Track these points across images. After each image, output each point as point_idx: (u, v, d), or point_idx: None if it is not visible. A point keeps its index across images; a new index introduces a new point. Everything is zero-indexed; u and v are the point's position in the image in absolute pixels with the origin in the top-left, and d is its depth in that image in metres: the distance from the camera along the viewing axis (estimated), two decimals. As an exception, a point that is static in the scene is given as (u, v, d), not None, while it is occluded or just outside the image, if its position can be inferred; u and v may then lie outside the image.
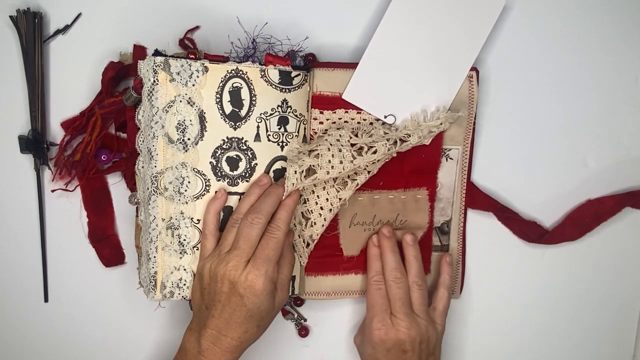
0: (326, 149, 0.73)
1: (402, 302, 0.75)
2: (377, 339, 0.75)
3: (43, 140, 0.78)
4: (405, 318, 0.74)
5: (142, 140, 0.73)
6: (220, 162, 0.73)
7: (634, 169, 0.85)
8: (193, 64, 0.71)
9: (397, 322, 0.74)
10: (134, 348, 0.83)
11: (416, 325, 0.75)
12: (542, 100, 0.84)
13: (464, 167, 0.81)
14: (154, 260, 0.73)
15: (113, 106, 0.76)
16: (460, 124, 0.79)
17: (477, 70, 0.79)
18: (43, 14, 0.77)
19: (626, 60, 0.83)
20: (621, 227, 0.82)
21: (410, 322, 0.74)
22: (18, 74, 0.78)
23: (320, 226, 0.76)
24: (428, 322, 0.76)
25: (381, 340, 0.75)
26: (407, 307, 0.75)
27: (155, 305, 0.81)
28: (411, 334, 0.74)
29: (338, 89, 0.76)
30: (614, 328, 0.89)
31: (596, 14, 0.83)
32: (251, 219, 0.70)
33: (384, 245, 0.78)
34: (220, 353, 0.69)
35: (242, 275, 0.68)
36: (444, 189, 0.81)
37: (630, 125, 0.84)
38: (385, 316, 0.75)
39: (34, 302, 0.81)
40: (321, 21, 0.80)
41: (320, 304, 0.85)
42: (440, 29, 0.77)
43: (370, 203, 0.79)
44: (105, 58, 0.78)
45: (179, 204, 0.72)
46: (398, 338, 0.74)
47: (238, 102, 0.73)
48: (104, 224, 0.81)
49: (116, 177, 0.80)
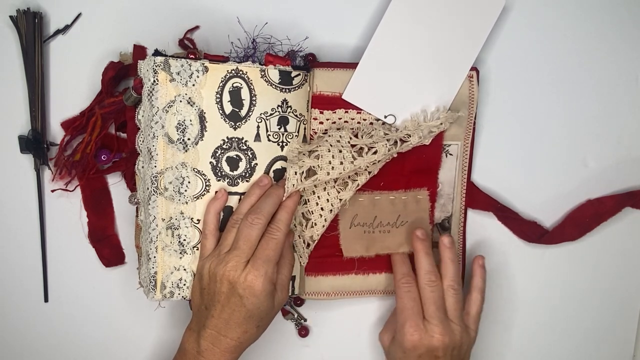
0: (326, 150, 0.73)
1: (437, 306, 0.74)
2: (410, 344, 0.73)
3: (43, 140, 0.78)
4: (439, 324, 0.73)
5: (142, 140, 0.73)
6: (220, 162, 0.73)
7: (634, 169, 0.85)
8: (193, 64, 0.71)
9: (431, 327, 0.73)
10: (134, 348, 0.83)
11: (450, 331, 0.73)
12: (542, 100, 0.84)
13: (464, 162, 0.81)
14: (154, 260, 0.73)
15: (113, 106, 0.76)
16: (460, 123, 0.79)
17: (477, 70, 0.79)
18: (43, 14, 0.77)
19: (626, 60, 0.83)
20: (621, 227, 0.82)
21: (444, 329, 0.73)
22: (18, 74, 0.78)
23: (321, 227, 0.76)
24: (462, 328, 0.75)
25: (414, 346, 0.73)
26: (442, 312, 0.74)
27: (155, 305, 0.81)
28: (445, 341, 0.73)
29: (338, 89, 0.76)
30: (614, 328, 0.89)
31: (596, 14, 0.83)
32: (251, 220, 0.70)
33: (417, 247, 0.77)
34: (219, 353, 0.69)
35: (241, 276, 0.68)
36: (445, 185, 0.81)
37: (630, 125, 0.84)
38: (419, 321, 0.74)
39: (34, 302, 0.81)
40: (321, 21, 0.80)
41: (320, 304, 0.85)
42: (440, 28, 0.77)
43: (371, 204, 0.79)
44: (105, 58, 0.78)
45: (179, 204, 0.72)
46: (431, 345, 0.73)
47: (238, 102, 0.73)
48: (104, 224, 0.81)
49: (116, 177, 0.80)
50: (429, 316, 0.74)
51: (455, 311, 0.75)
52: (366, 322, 0.85)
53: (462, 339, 0.74)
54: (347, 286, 0.81)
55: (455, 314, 0.75)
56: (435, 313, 0.74)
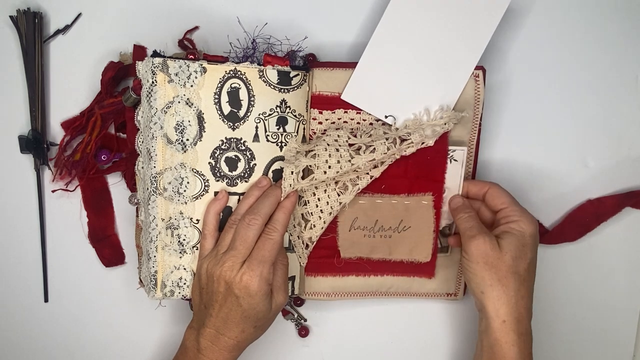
0: (323, 149, 0.73)
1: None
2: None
3: (43, 140, 0.78)
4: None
5: (141, 141, 0.74)
6: (219, 162, 0.73)
7: (634, 169, 0.84)
8: (191, 64, 0.71)
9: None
10: (135, 348, 0.84)
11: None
12: (542, 100, 0.83)
13: (469, 169, 0.79)
14: (154, 260, 0.73)
15: (112, 106, 0.76)
16: (464, 124, 0.77)
17: (484, 69, 0.77)
18: (43, 14, 0.77)
19: (626, 60, 0.83)
20: (621, 227, 0.82)
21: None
22: (18, 74, 0.78)
23: (320, 228, 0.76)
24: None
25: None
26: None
27: (156, 305, 0.82)
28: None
29: (337, 89, 0.76)
30: (614, 328, 0.88)
31: (596, 14, 0.83)
32: (248, 220, 0.70)
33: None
34: (218, 352, 0.70)
35: (237, 276, 0.68)
36: (447, 192, 0.79)
37: (630, 125, 0.84)
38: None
39: (34, 302, 0.81)
40: (321, 20, 0.80)
41: (320, 304, 0.85)
42: (443, 26, 0.75)
43: (371, 207, 0.78)
44: (105, 58, 0.78)
45: (178, 204, 0.73)
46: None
47: (236, 103, 0.73)
48: (104, 224, 0.81)
49: (116, 177, 0.81)
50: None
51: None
52: (366, 323, 0.85)
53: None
54: (347, 287, 0.81)
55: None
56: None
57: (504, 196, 0.76)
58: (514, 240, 0.72)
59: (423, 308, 0.85)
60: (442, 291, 0.83)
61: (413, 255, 0.79)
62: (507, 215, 0.75)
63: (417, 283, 0.82)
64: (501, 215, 0.75)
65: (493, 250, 0.72)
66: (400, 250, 0.79)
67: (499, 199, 0.76)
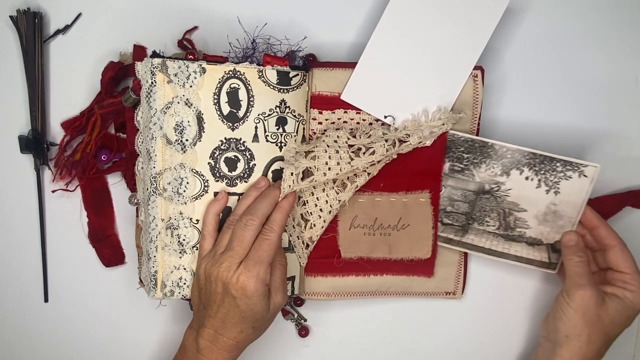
0: (323, 151, 0.73)
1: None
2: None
3: (43, 140, 0.78)
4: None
5: (141, 141, 0.74)
6: (219, 162, 0.73)
7: (634, 168, 0.84)
8: (190, 65, 0.71)
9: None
10: (135, 348, 0.84)
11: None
12: (542, 100, 0.83)
13: None
14: (154, 260, 0.73)
15: (112, 106, 0.76)
16: (463, 124, 0.78)
17: (482, 69, 0.77)
18: (43, 14, 0.77)
19: (626, 60, 0.83)
20: (621, 227, 0.81)
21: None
22: (18, 74, 0.78)
23: (320, 228, 0.76)
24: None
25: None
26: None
27: (156, 305, 0.82)
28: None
29: (337, 89, 0.76)
30: (614, 328, 0.88)
31: (596, 14, 0.83)
32: (245, 221, 0.70)
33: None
34: (217, 352, 0.70)
35: (233, 277, 0.68)
36: (562, 206, 0.78)
37: (630, 125, 0.84)
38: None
39: (34, 302, 0.81)
40: (320, 20, 0.80)
41: (320, 304, 0.85)
42: (442, 27, 0.76)
43: (370, 205, 0.78)
44: (105, 58, 0.78)
45: (177, 204, 0.73)
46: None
47: (236, 103, 0.73)
48: (104, 224, 0.81)
49: (116, 177, 0.81)
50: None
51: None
52: (366, 323, 0.85)
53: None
54: (347, 287, 0.81)
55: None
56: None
57: (629, 261, 0.75)
58: (623, 309, 0.73)
59: (423, 308, 0.85)
60: (441, 290, 0.83)
61: (413, 253, 0.79)
62: (626, 282, 0.74)
63: (416, 282, 0.82)
64: (618, 277, 0.75)
65: (596, 307, 0.72)
66: (400, 249, 0.79)
67: (624, 262, 0.75)
